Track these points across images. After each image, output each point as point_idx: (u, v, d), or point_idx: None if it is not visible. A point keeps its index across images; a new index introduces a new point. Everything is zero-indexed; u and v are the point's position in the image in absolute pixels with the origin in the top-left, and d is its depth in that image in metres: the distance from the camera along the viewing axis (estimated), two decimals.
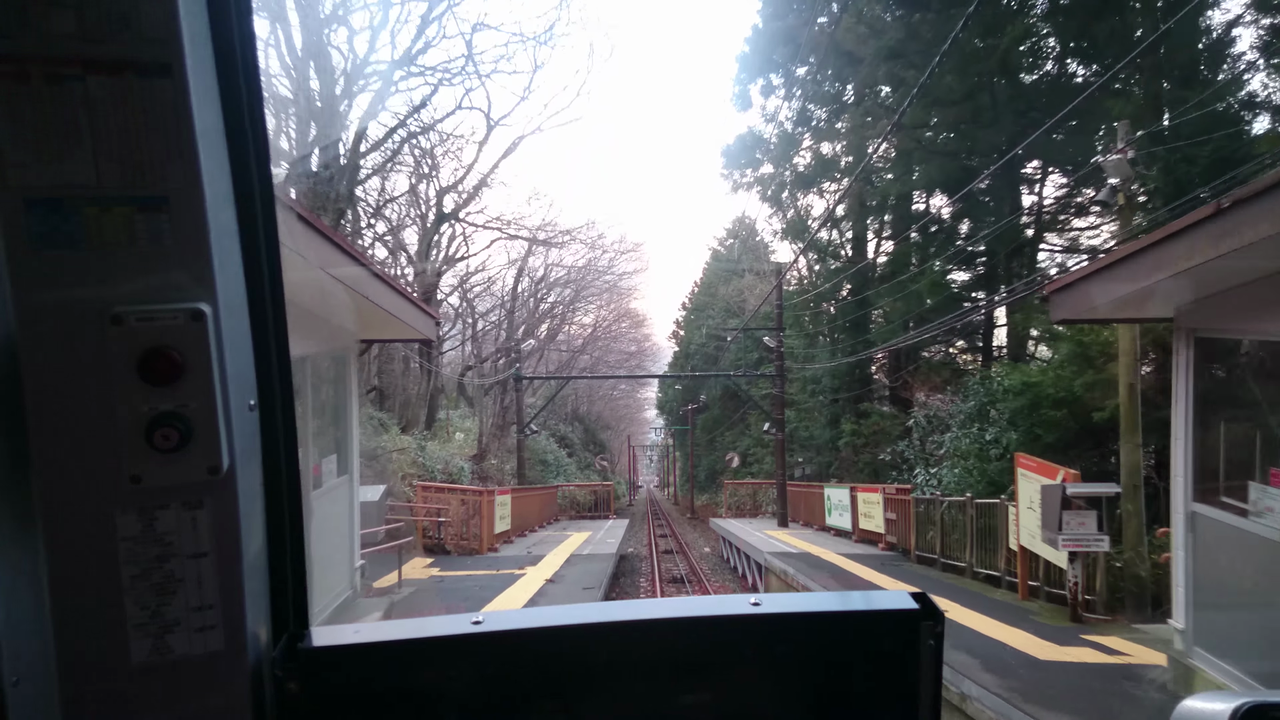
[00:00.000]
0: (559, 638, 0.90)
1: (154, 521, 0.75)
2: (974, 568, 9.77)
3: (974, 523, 9.77)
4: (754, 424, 29.35)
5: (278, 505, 0.87)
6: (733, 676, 0.93)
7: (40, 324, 0.70)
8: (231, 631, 0.79)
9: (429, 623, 0.91)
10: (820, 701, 0.95)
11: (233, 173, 0.80)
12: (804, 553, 12.69)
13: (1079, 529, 6.89)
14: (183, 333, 0.72)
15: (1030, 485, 7.96)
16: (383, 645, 0.86)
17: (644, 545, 24.88)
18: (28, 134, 0.69)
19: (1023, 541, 8.18)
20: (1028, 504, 8.02)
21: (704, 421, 41.18)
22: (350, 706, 0.86)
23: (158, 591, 0.76)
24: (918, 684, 0.92)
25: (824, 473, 21.51)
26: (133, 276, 0.72)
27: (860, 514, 14.13)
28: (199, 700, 0.79)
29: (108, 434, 0.72)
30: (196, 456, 0.74)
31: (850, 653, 0.94)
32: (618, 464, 61.14)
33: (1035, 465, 7.93)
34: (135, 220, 0.72)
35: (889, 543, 12.91)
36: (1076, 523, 6.89)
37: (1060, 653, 6.03)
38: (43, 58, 0.68)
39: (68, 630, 0.74)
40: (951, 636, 7.18)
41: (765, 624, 0.93)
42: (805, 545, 13.75)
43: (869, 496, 13.72)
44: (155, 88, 0.70)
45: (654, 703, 0.92)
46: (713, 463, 39.26)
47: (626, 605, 1.00)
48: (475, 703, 0.89)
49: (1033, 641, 6.34)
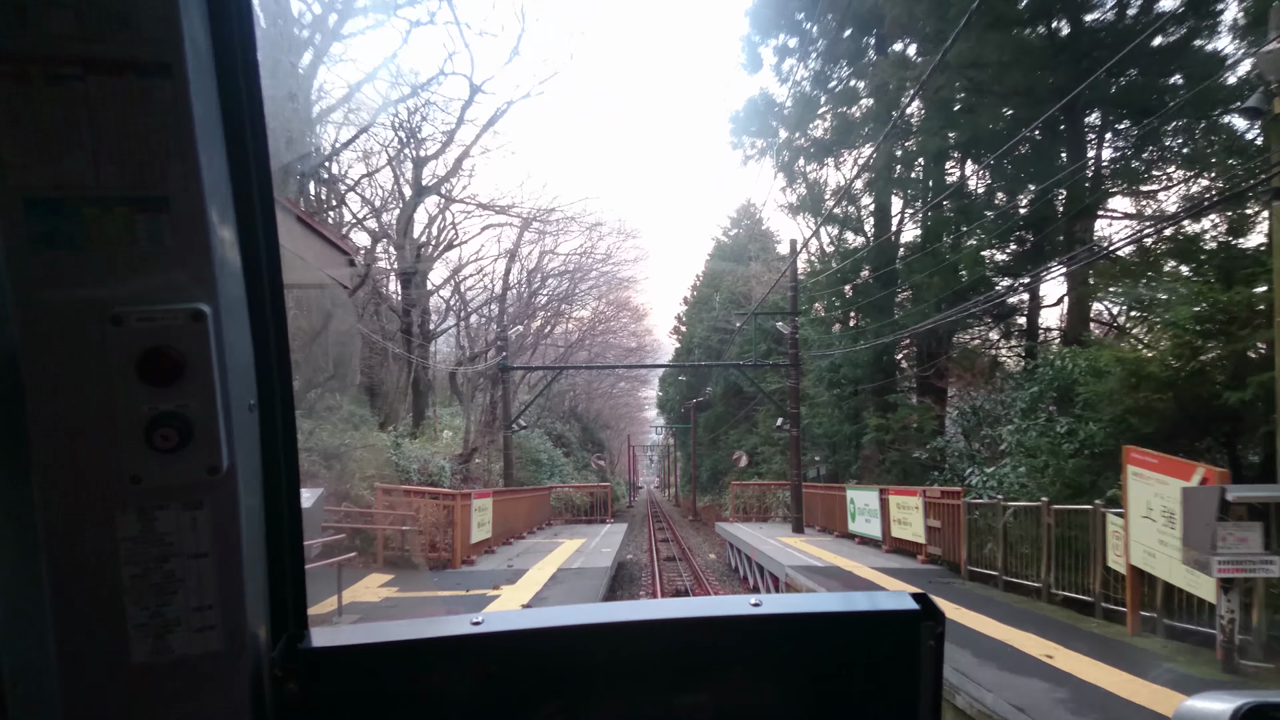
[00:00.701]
0: (559, 638, 0.90)
1: (154, 522, 0.75)
2: (1052, 589, 7.93)
3: (1051, 533, 7.92)
4: (762, 421, 27.50)
5: (277, 505, 0.87)
6: (733, 677, 0.94)
7: (40, 324, 0.71)
8: (231, 631, 0.79)
9: (429, 623, 0.92)
10: (820, 702, 0.95)
11: (232, 173, 0.79)
12: (831, 566, 10.85)
13: (1239, 547, 5.04)
14: (182, 333, 0.72)
15: (1147, 488, 6.11)
16: (382, 646, 0.87)
17: (644, 551, 23.16)
18: (28, 134, 0.69)
19: (1134, 560, 6.33)
20: (1143, 511, 6.17)
21: (706, 420, 39.53)
22: (350, 707, 0.86)
23: (158, 591, 0.76)
24: (918, 684, 0.93)
25: (841, 473, 19.62)
26: (133, 276, 0.72)
27: (893, 520, 12.29)
28: (199, 700, 0.79)
29: (107, 434, 0.72)
30: (196, 457, 0.74)
31: (851, 653, 0.94)
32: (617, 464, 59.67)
33: (1155, 461, 6.09)
34: (135, 220, 0.72)
35: (930, 554, 11.06)
36: (1236, 538, 5.05)
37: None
38: (43, 58, 0.68)
39: (68, 630, 0.74)
40: (1047, 680, 5.47)
41: (765, 625, 0.94)
42: (829, 556, 11.90)
43: (905, 500, 11.87)
44: (155, 88, 0.71)
45: (654, 703, 0.92)
46: (716, 462, 37.58)
47: (627, 606, 1.04)
48: (475, 703, 0.89)
49: (1175, 701, 4.52)
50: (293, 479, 0.88)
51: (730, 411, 35.34)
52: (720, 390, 36.25)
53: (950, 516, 10.37)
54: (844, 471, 19.25)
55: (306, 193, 14.84)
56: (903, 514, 11.87)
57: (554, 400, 36.77)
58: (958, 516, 10.08)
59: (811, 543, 14.54)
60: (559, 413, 37.32)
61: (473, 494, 11.55)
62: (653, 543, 24.90)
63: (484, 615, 0.90)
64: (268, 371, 0.85)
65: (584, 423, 42.10)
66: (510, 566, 11.04)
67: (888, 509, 12.51)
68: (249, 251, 0.81)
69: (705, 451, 39.41)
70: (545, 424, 32.59)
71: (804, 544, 14.26)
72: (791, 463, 16.93)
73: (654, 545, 24.18)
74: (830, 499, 16.34)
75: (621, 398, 56.53)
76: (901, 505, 11.98)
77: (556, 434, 32.90)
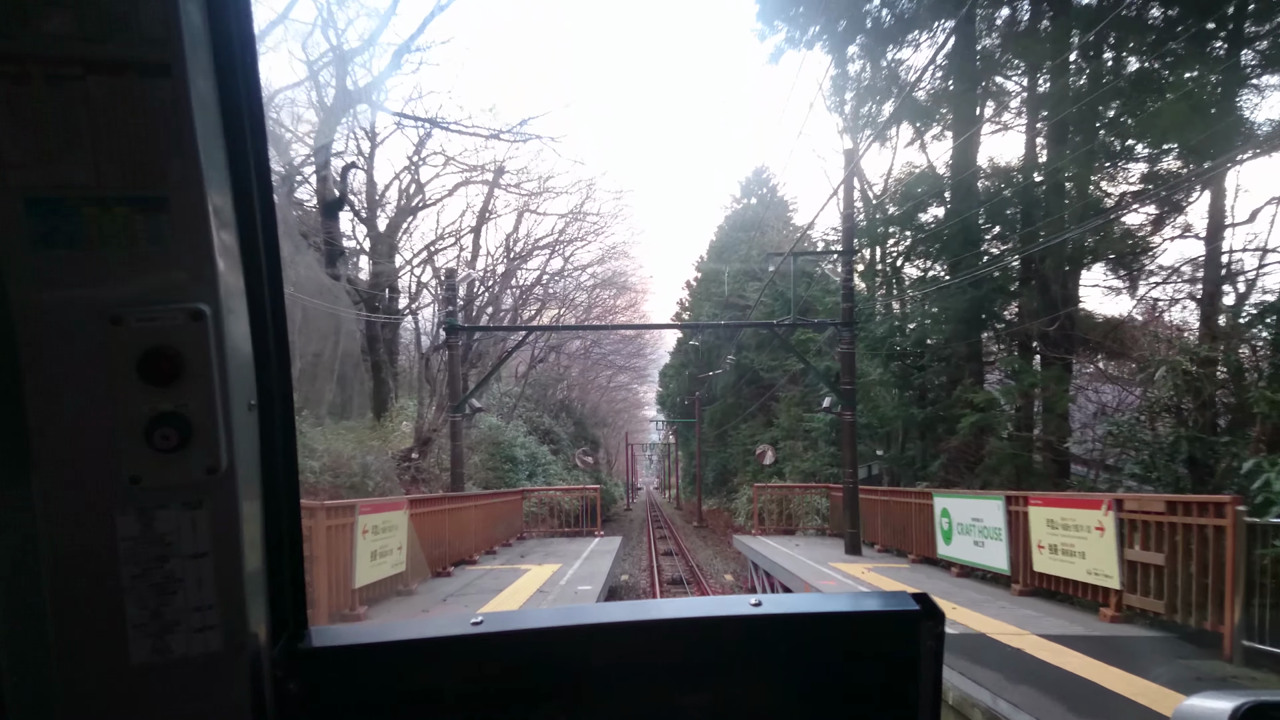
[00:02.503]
0: (559, 638, 0.90)
1: (153, 522, 0.75)
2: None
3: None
4: (784, 411, 23.01)
5: (277, 505, 0.87)
6: (733, 677, 0.93)
7: (40, 324, 0.71)
8: (231, 631, 0.78)
9: (429, 623, 0.92)
10: (820, 702, 0.94)
11: (232, 173, 0.79)
12: (973, 633, 6.32)
13: None
14: (182, 333, 0.72)
15: None
16: (382, 646, 0.87)
17: (642, 568, 18.71)
18: (28, 134, 0.69)
19: None
20: None
21: (712, 414, 35.28)
22: (350, 707, 0.86)
23: (157, 591, 0.76)
24: (918, 684, 0.92)
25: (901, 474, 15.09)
26: (133, 276, 0.72)
27: (1036, 544, 7.80)
28: (198, 700, 0.79)
29: (107, 434, 0.72)
30: (196, 457, 0.74)
31: (851, 653, 0.94)
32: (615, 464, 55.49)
33: None
34: (135, 220, 0.72)
35: (1128, 606, 6.55)
36: None
37: None
38: (43, 58, 0.68)
39: (68, 630, 0.73)
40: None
41: (766, 625, 0.93)
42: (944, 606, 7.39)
43: (1068, 515, 7.36)
44: (155, 88, 0.70)
45: (654, 704, 0.92)
46: (724, 461, 33.31)
47: (627, 606, 1.01)
48: (475, 703, 0.88)
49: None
50: (292, 479, 0.88)
51: (741, 404, 31.00)
52: (730, 381, 31.83)
53: (1191, 544, 5.84)
54: (904, 471, 14.73)
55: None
56: (1069, 538, 7.34)
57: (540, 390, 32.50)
58: (1220, 547, 5.55)
59: (882, 571, 10.05)
60: (548, 405, 32.98)
61: (361, 507, 6.97)
62: (653, 555, 20.44)
63: (484, 615, 0.90)
64: (267, 371, 0.84)
65: (577, 418, 37.75)
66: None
67: (1027, 527, 8.01)
68: (249, 251, 0.81)
69: (711, 449, 35.15)
70: (528, 415, 28.16)
71: (873, 574, 9.77)
72: (845, 459, 12.40)
73: (654, 559, 19.73)
74: (899, 508, 11.83)
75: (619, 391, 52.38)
76: (1060, 523, 7.46)
77: (545, 429, 28.51)
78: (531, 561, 11.35)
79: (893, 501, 12.28)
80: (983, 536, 9.01)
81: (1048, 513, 7.68)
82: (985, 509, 8.97)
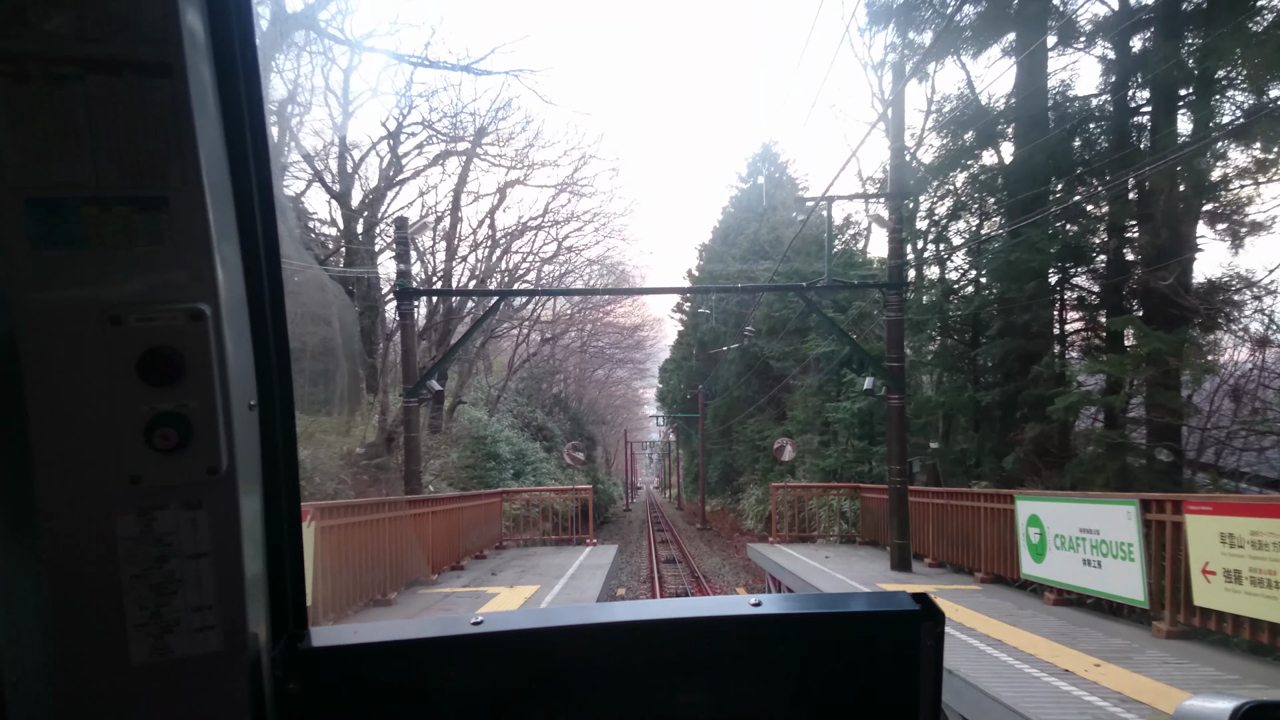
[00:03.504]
0: (559, 638, 0.89)
1: (153, 522, 0.74)
2: None
3: None
4: (800, 404, 20.71)
5: (277, 505, 0.86)
6: (733, 677, 0.92)
7: (40, 324, 0.70)
8: (231, 632, 0.78)
9: (429, 623, 0.92)
10: (820, 702, 0.93)
11: (232, 173, 0.79)
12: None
13: None
14: (182, 333, 0.72)
15: None
16: (382, 645, 0.86)
17: (642, 580, 16.39)
18: (28, 134, 0.68)
19: None
20: None
21: (716, 409, 33.02)
22: (350, 707, 0.85)
23: (157, 592, 0.75)
24: (918, 684, 0.91)
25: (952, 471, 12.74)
26: (132, 276, 0.72)
27: (1211, 570, 5.48)
28: (198, 700, 0.78)
29: (107, 434, 0.72)
30: (196, 457, 0.73)
31: (851, 653, 0.93)
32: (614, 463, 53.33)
33: None
34: (135, 220, 0.71)
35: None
36: None
37: None
38: (43, 58, 0.68)
39: (68, 630, 0.73)
40: None
41: (766, 625, 0.93)
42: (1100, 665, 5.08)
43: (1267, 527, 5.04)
44: (155, 88, 0.70)
45: (654, 703, 0.91)
46: (729, 459, 31.12)
47: (627, 606, 1.00)
48: (475, 703, 0.88)
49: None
50: (292, 479, 0.87)
51: (748, 397, 28.73)
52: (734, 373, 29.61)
53: None
54: (953, 469, 12.40)
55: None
56: (1252, 560, 5.03)
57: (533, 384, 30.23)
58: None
59: (949, 595, 7.74)
60: (541, 400, 30.70)
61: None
62: (654, 563, 18.15)
63: (484, 615, 0.90)
64: (267, 371, 0.84)
65: (572, 414, 35.47)
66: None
67: (1173, 543, 5.69)
68: (249, 251, 0.81)
69: (714, 447, 32.91)
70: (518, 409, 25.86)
71: (943, 601, 7.45)
72: (890, 454, 10.06)
73: (655, 568, 17.43)
74: (959, 514, 9.51)
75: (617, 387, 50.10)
76: (1249, 539, 5.14)
77: (537, 425, 26.22)
78: (502, 582, 9.04)
79: (950, 505, 9.93)
80: (1100, 554, 6.69)
81: (1224, 523, 5.35)
82: (1105, 517, 6.64)
